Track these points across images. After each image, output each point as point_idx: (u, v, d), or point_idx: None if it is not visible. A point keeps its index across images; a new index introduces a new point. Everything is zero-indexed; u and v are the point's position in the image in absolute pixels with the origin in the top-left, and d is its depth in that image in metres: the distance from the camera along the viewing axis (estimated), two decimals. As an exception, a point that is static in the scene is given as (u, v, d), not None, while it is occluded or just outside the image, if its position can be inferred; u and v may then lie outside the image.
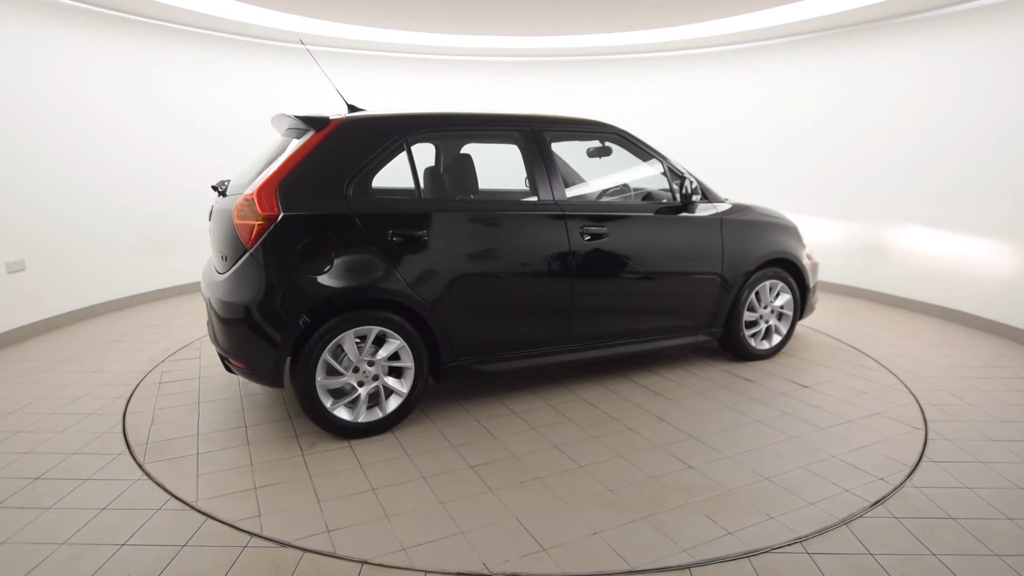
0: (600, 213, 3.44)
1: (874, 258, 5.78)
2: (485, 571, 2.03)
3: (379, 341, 2.97)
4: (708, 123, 7.05)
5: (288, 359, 2.85)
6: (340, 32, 6.37)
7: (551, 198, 3.29)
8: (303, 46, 5.06)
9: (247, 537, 2.20)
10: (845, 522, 2.28)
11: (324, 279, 2.79)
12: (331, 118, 2.99)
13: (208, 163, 5.97)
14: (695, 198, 3.59)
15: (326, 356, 2.83)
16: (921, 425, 3.12)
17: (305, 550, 2.12)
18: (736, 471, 2.66)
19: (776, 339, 4.13)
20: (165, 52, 5.84)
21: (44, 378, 3.82)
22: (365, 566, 2.04)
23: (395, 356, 3.00)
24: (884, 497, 2.45)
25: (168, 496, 2.47)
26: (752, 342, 4.02)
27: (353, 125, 2.99)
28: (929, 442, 2.93)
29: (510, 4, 5.39)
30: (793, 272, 4.07)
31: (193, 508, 2.40)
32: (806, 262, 4.10)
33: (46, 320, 4.89)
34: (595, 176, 4.19)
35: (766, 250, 3.88)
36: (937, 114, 5.14)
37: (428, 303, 2.97)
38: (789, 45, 6.29)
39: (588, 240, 3.33)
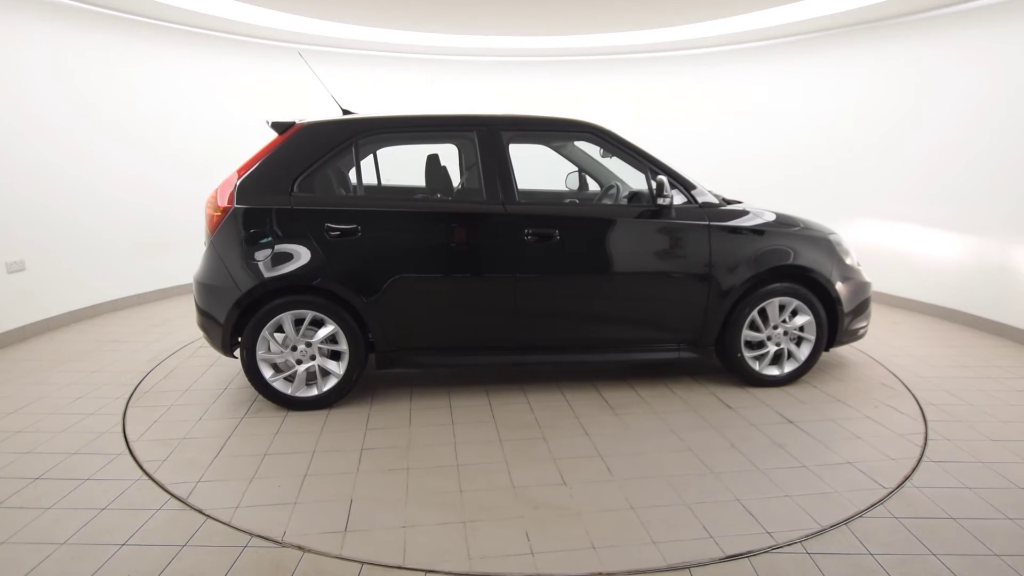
0: (549, 214, 3.32)
1: (874, 259, 5.77)
2: (485, 571, 2.03)
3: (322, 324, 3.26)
4: (712, 123, 7.05)
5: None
6: (340, 32, 6.37)
7: (499, 198, 3.27)
8: (301, 56, 5.12)
9: (247, 537, 2.20)
10: (845, 522, 2.28)
11: (263, 266, 3.14)
12: (296, 123, 3.31)
13: (208, 163, 5.98)
14: (662, 200, 3.25)
15: (265, 334, 3.18)
16: (921, 439, 3.10)
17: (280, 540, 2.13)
18: (608, 496, 2.47)
19: (791, 366, 3.60)
20: (166, 52, 5.84)
21: (44, 378, 3.82)
22: (365, 566, 2.04)
23: (336, 340, 3.27)
24: (884, 497, 2.45)
25: (168, 496, 2.47)
26: (755, 365, 3.56)
27: (310, 129, 3.30)
28: (929, 442, 2.93)
29: (510, 4, 5.39)
30: (819, 290, 3.52)
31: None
32: (839, 282, 3.51)
33: (46, 320, 4.89)
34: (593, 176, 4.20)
35: (773, 262, 3.41)
36: (938, 113, 5.14)
37: (358, 293, 3.19)
38: (795, 44, 6.30)
39: (534, 242, 3.25)
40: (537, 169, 4.17)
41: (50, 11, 4.91)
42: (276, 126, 3.32)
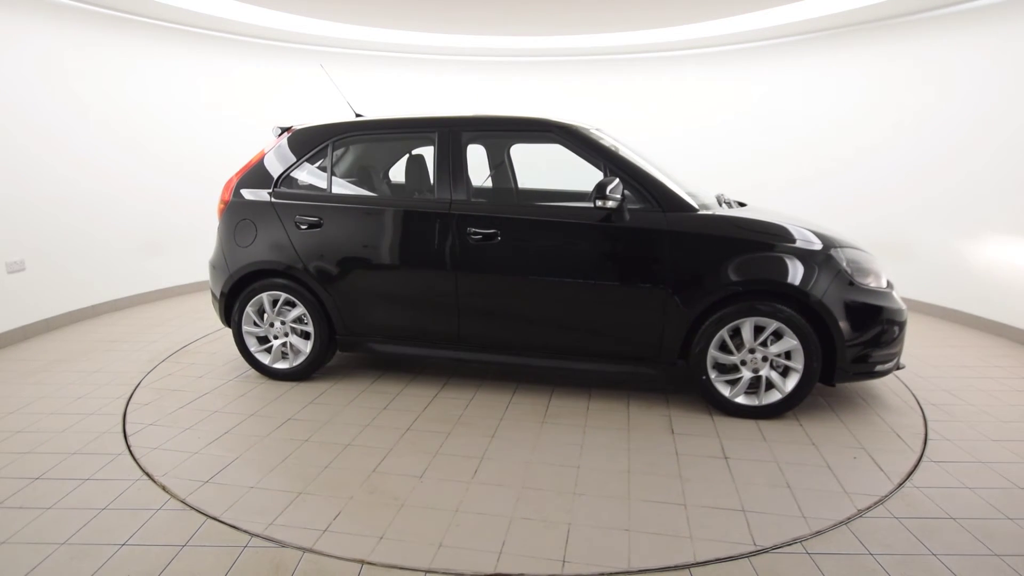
0: (491, 215, 3.28)
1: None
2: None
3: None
4: (712, 123, 7.05)
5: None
6: (340, 32, 6.37)
7: (448, 197, 3.35)
8: (322, 67, 5.18)
9: (247, 537, 2.20)
10: (845, 522, 2.28)
11: (246, 251, 3.61)
12: (294, 127, 3.74)
13: (207, 166, 5.98)
14: (601, 203, 2.99)
15: (248, 310, 3.67)
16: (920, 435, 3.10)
17: (303, 549, 2.13)
18: (445, 495, 2.45)
19: (771, 397, 3.11)
20: (164, 52, 5.84)
21: (44, 378, 3.82)
22: (365, 566, 2.04)
23: (305, 321, 3.65)
24: (884, 497, 2.45)
25: (168, 496, 2.47)
26: (724, 391, 3.15)
27: (299, 132, 3.71)
28: (929, 442, 2.93)
29: (510, 4, 5.39)
30: (811, 312, 2.99)
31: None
32: (836, 303, 2.95)
33: (46, 320, 4.89)
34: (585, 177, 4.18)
35: (743, 274, 2.99)
36: (938, 114, 5.14)
37: (318, 280, 3.52)
38: (795, 44, 6.30)
39: (477, 241, 3.27)
40: (569, 170, 4.14)
41: (47, 11, 4.90)
42: (280, 130, 3.79)
